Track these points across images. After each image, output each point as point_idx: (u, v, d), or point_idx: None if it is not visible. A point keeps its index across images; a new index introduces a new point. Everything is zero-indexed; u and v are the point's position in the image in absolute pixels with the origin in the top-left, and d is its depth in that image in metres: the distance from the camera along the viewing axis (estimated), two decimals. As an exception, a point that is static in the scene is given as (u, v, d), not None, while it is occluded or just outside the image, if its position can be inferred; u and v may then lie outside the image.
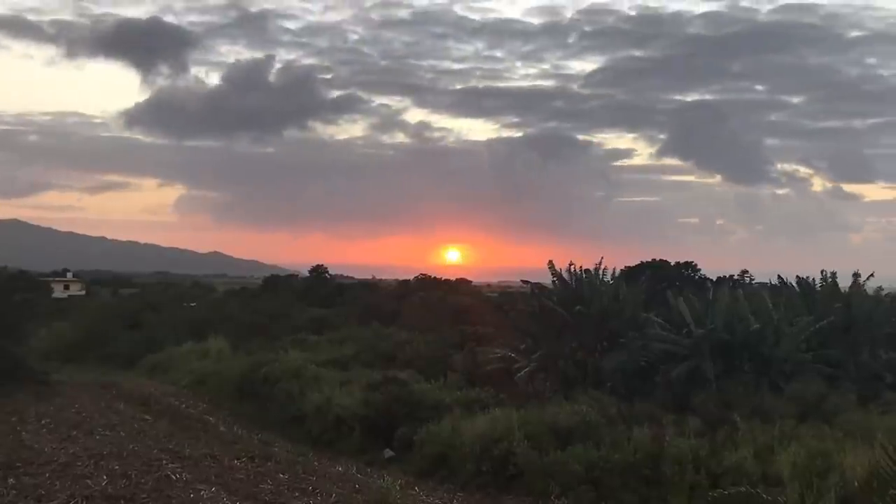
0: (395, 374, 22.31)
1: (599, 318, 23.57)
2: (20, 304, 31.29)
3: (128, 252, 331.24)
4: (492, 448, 15.58)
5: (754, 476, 13.16)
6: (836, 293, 25.98)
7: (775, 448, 14.39)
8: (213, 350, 32.71)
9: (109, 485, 12.93)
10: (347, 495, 13.41)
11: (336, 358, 28.72)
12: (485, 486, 15.31)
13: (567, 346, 23.58)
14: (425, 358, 26.81)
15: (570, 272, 24.85)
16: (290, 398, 22.71)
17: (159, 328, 39.73)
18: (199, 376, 29.34)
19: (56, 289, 76.11)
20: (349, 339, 32.94)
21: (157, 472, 13.99)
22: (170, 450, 16.26)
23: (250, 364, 26.83)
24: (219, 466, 15.00)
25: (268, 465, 15.45)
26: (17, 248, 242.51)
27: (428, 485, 15.75)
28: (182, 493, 12.73)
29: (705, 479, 13.67)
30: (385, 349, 29.46)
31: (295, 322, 40.25)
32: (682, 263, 38.88)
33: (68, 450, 15.86)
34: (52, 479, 13.26)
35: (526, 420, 16.43)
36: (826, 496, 11.39)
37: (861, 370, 23.38)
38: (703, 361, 21.13)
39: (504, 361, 24.06)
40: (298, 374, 24.48)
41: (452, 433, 16.81)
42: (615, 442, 15.20)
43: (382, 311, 42.29)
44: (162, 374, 31.83)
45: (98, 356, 37.23)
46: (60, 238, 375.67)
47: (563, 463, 14.58)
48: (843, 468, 12.53)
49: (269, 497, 13.01)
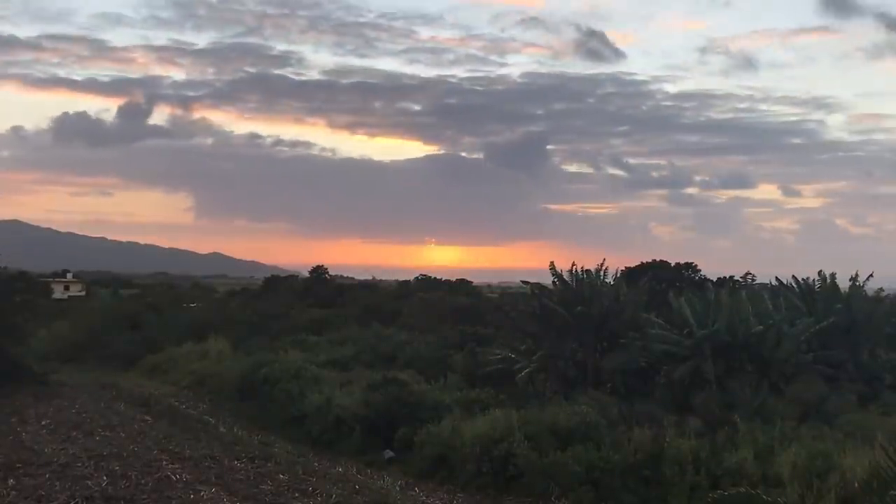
0: (396, 374, 22.28)
1: (600, 318, 23.56)
2: (20, 304, 31.20)
3: (128, 252, 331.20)
4: (492, 449, 15.57)
5: (755, 477, 13.16)
6: (836, 294, 25.98)
7: (776, 449, 14.37)
8: (213, 351, 32.67)
9: (109, 485, 12.94)
10: (347, 496, 13.40)
11: (336, 358, 28.74)
12: (485, 486, 15.31)
13: (567, 346, 23.56)
14: (425, 358, 26.81)
15: (571, 273, 24.84)
16: (290, 399, 22.69)
17: (159, 329, 39.68)
18: (199, 377, 29.33)
19: (56, 289, 75.88)
20: (349, 339, 32.95)
21: (158, 472, 13.99)
22: (170, 450, 16.27)
23: (250, 365, 26.81)
24: (219, 467, 15.00)
25: (268, 466, 15.45)
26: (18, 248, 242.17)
27: (428, 485, 15.75)
28: (182, 493, 12.74)
29: (705, 479, 13.68)
30: (385, 350, 29.46)
31: (295, 323, 40.24)
32: (682, 264, 38.81)
33: (68, 450, 15.87)
34: (52, 479, 13.27)
35: (526, 421, 16.41)
36: (826, 497, 11.39)
37: (861, 371, 23.37)
38: (703, 362, 21.11)
39: (504, 362, 24.05)
40: (298, 374, 24.46)
41: (452, 434, 16.80)
42: (615, 443, 15.19)
43: (382, 311, 42.30)
44: (162, 375, 31.82)
45: (98, 357, 37.18)
46: (61, 238, 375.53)
47: (563, 464, 14.57)
48: (844, 469, 12.50)
49: (269, 498, 13.00)
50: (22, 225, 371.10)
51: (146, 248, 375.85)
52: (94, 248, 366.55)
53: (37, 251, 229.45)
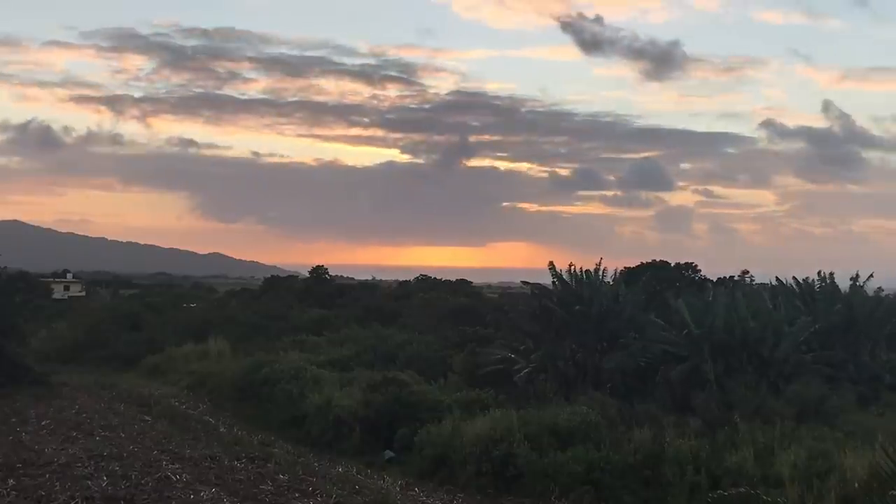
0: (396, 374, 22.25)
1: (599, 318, 23.56)
2: (20, 305, 31.20)
3: (128, 253, 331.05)
4: (492, 449, 15.57)
5: (754, 477, 13.15)
6: (835, 294, 26.00)
7: (775, 449, 14.37)
8: (213, 351, 32.68)
9: (109, 486, 12.95)
10: (347, 496, 13.41)
11: (336, 359, 28.70)
12: (485, 487, 15.30)
13: (567, 346, 23.56)
14: (425, 359, 26.78)
15: (571, 273, 24.83)
16: (290, 399, 22.68)
17: (159, 329, 39.69)
18: (199, 377, 29.31)
19: (56, 290, 75.94)
20: (349, 339, 32.90)
21: (158, 473, 14.00)
22: (170, 451, 16.27)
23: (250, 365, 26.79)
24: (219, 467, 15.01)
25: (268, 467, 15.46)
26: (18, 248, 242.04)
27: (428, 486, 15.74)
28: (182, 494, 12.75)
29: (705, 480, 13.67)
30: (385, 350, 29.43)
31: (295, 323, 40.21)
32: (682, 264, 38.76)
33: (68, 451, 15.88)
34: (52, 480, 13.27)
35: (526, 421, 16.42)
36: (826, 497, 11.41)
37: (861, 371, 23.39)
38: (702, 362, 21.11)
39: (504, 362, 24.03)
40: (298, 375, 24.45)
41: (452, 434, 16.79)
42: (615, 443, 15.20)
43: (382, 311, 42.27)
44: (162, 375, 31.80)
45: (98, 357, 37.15)
46: (61, 239, 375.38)
47: (563, 464, 14.57)
48: (844, 469, 12.52)
49: (270, 498, 13.02)
50: (22, 225, 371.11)
51: (146, 249, 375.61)
52: (94, 248, 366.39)
53: (37, 251, 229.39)
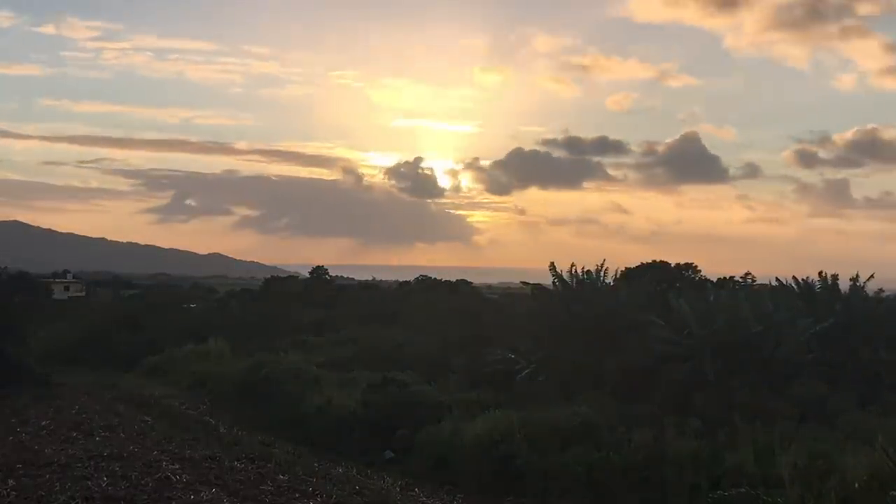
0: (396, 375, 22.26)
1: (600, 319, 23.54)
2: (20, 305, 31.19)
3: (128, 253, 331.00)
4: (492, 450, 15.57)
5: (755, 477, 13.13)
6: (836, 295, 25.96)
7: (776, 449, 14.35)
8: (214, 351, 32.66)
9: (110, 486, 12.95)
10: (347, 497, 13.42)
11: (336, 359, 28.70)
12: (485, 487, 15.30)
13: (568, 347, 23.54)
14: (425, 359, 26.77)
15: (572, 273, 24.82)
16: (291, 400, 22.67)
17: (159, 330, 39.64)
18: (199, 378, 29.29)
19: (56, 290, 75.86)
20: (349, 340, 32.91)
21: (158, 473, 14.00)
22: (170, 451, 16.27)
23: (250, 365, 26.77)
24: (219, 468, 15.01)
25: (268, 467, 15.46)
26: (18, 249, 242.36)
27: (428, 487, 15.74)
28: (182, 494, 12.75)
29: (706, 480, 13.67)
30: (385, 350, 29.42)
31: (295, 323, 40.19)
32: (682, 265, 38.73)
33: (68, 451, 15.88)
34: (53, 480, 13.28)
35: (526, 422, 16.41)
36: (826, 497, 11.40)
37: (861, 371, 23.34)
38: (703, 363, 21.08)
39: (504, 363, 24.02)
40: (299, 375, 24.45)
41: (453, 435, 16.80)
42: (616, 443, 15.20)
43: (382, 312, 42.24)
44: (162, 376, 31.77)
45: (98, 358, 37.08)
46: (61, 239, 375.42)
47: (563, 465, 14.58)
48: (844, 469, 12.50)
49: (270, 498, 13.02)
50: (22, 225, 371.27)
51: (146, 249, 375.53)
52: (94, 249, 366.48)
53: (37, 251, 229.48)
